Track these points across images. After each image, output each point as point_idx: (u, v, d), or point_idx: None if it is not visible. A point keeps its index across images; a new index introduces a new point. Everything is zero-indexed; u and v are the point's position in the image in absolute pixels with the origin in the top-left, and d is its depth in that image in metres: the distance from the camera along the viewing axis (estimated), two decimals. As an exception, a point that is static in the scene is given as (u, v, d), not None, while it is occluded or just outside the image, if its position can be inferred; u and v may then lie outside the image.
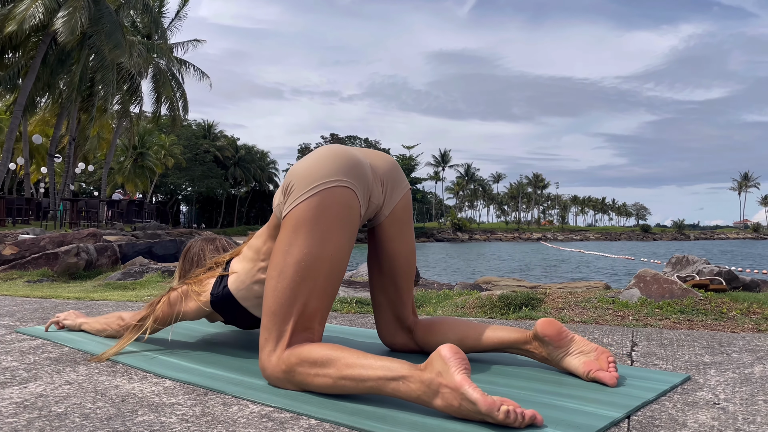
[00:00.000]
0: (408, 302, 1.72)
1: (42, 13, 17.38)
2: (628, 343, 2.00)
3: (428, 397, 1.18)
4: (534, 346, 1.57)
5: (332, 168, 1.45)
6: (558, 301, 2.72)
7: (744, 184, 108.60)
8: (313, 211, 1.41)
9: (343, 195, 1.44)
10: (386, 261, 1.67)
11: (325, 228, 1.41)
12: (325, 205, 1.42)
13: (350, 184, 1.46)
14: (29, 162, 27.38)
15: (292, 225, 1.42)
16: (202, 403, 1.33)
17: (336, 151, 1.50)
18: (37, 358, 1.80)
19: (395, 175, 1.63)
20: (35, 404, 1.33)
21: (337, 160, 1.47)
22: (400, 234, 1.65)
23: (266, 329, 1.44)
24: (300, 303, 1.41)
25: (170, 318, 1.78)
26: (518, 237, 78.24)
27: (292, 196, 1.44)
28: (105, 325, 2.03)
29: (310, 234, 1.40)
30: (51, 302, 3.20)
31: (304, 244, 1.40)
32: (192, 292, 1.75)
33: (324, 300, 1.44)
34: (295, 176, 1.46)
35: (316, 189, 1.42)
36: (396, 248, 1.65)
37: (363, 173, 1.50)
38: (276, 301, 1.42)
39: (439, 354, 1.18)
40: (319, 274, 1.41)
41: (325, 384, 1.32)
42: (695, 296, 2.51)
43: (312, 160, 1.48)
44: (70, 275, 4.59)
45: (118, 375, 1.59)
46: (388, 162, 1.64)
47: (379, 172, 1.58)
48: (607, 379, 1.43)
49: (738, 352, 1.84)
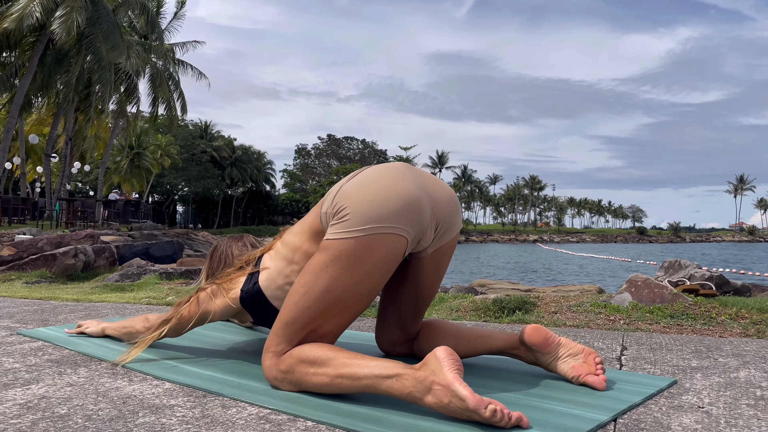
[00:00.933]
0: (416, 320, 1.74)
1: (39, 13, 17.36)
2: (618, 347, 2.04)
3: (420, 393, 1.22)
4: (521, 351, 1.61)
5: (394, 212, 1.39)
6: (551, 305, 2.76)
7: (740, 187, 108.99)
8: (360, 252, 1.37)
9: (395, 244, 1.41)
10: (409, 284, 1.66)
11: (366, 271, 1.39)
12: (374, 249, 1.38)
13: (406, 233, 1.42)
14: (25, 161, 27.34)
15: (334, 254, 1.39)
16: (202, 405, 1.37)
17: (403, 189, 1.43)
18: (38, 360, 1.83)
19: (453, 219, 1.57)
20: (38, 405, 1.37)
21: (402, 202, 1.41)
22: (434, 269, 1.63)
23: (276, 335, 1.47)
24: (316, 324, 1.43)
25: (197, 318, 1.73)
26: (515, 239, 78.34)
27: (343, 225, 1.39)
28: (129, 327, 1.97)
29: (349, 271, 1.38)
30: (50, 304, 3.23)
31: (340, 277, 1.39)
32: (222, 290, 1.71)
33: (340, 326, 1.47)
34: (353, 203, 1.40)
35: (371, 231, 1.38)
36: (425, 280, 1.64)
37: (422, 219, 1.45)
38: (294, 315, 1.44)
39: (435, 354, 1.23)
40: (345, 307, 1.43)
41: (322, 382, 1.36)
42: (685, 301, 2.55)
43: (377, 192, 1.41)
44: (68, 276, 4.62)
45: (119, 377, 1.62)
46: (451, 204, 1.57)
47: (438, 214, 1.52)
48: (596, 384, 1.47)
49: (725, 356, 1.88)
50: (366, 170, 1.50)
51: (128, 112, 25.82)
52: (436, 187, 1.54)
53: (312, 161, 74.46)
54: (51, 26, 17.36)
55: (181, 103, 26.95)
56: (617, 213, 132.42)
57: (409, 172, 1.50)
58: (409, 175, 1.49)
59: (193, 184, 49.07)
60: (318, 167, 73.05)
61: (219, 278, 1.76)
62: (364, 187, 1.43)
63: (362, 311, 1.48)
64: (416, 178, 1.50)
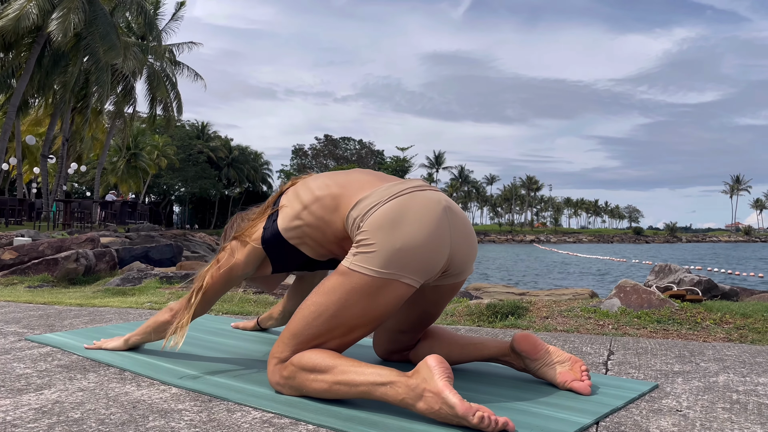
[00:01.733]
0: (414, 336, 1.82)
1: (36, 14, 17.40)
2: (606, 352, 2.12)
3: (412, 400, 1.31)
4: (512, 358, 1.70)
5: (418, 268, 1.46)
6: (543, 310, 2.84)
7: (736, 187, 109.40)
8: (375, 290, 1.45)
9: (407, 291, 1.48)
10: (411, 313, 1.74)
11: (375, 307, 1.47)
12: (387, 292, 1.45)
13: (416, 283, 1.49)
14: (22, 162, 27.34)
15: (351, 285, 1.46)
16: (208, 410, 1.45)
17: (434, 246, 1.48)
18: (48, 365, 1.91)
19: (465, 267, 1.62)
20: (53, 410, 1.44)
21: (428, 260, 1.47)
22: (434, 301, 1.71)
23: (282, 343, 1.55)
24: (321, 340, 1.52)
25: (224, 278, 1.78)
26: (511, 239, 78.51)
27: (366, 259, 1.45)
28: (153, 322, 1.94)
29: (361, 304, 1.46)
30: (54, 308, 3.30)
31: (350, 307, 1.47)
32: (243, 239, 1.75)
33: (343, 345, 1.54)
34: (381, 242, 1.45)
35: (389, 276, 1.45)
36: (424, 308, 1.73)
37: (436, 269, 1.52)
38: (301, 328, 1.52)
39: (426, 363, 1.32)
40: (350, 330, 1.51)
41: (321, 388, 1.45)
42: (672, 306, 2.64)
43: (408, 241, 1.45)
44: (70, 280, 4.69)
45: (127, 382, 1.70)
46: (470, 254, 1.61)
47: (453, 261, 1.56)
48: (581, 389, 1.56)
49: (706, 361, 1.97)
50: (404, 201, 1.51)
51: (125, 113, 25.86)
52: (464, 238, 1.57)
53: (309, 161, 74.46)
54: (48, 27, 17.40)
55: (177, 104, 27.01)
56: (614, 213, 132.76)
57: (445, 220, 1.52)
58: (446, 226, 1.51)
59: (190, 184, 49.07)
60: (315, 168, 73.06)
61: (239, 232, 1.80)
62: (399, 228, 1.46)
63: (364, 336, 1.56)
64: (452, 228, 1.53)
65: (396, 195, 1.52)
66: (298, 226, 1.64)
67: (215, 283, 1.80)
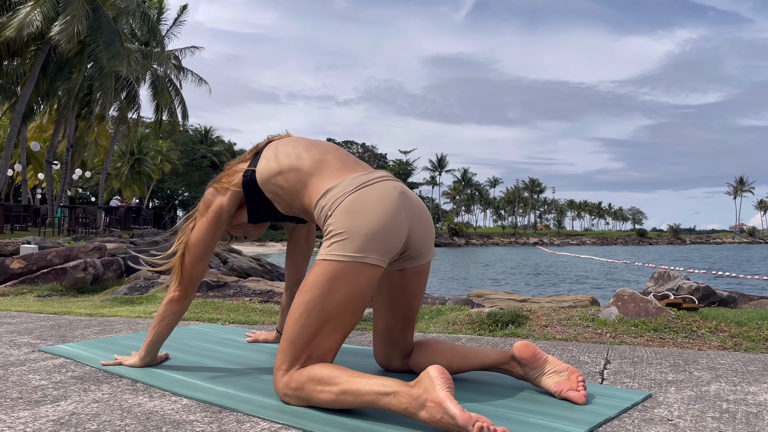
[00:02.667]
0: (405, 336, 1.90)
1: (40, 21, 17.53)
2: (602, 360, 2.18)
3: (415, 409, 1.37)
4: (512, 366, 1.76)
5: (384, 249, 1.61)
6: (542, 318, 2.90)
7: (739, 189, 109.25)
8: (349, 274, 1.58)
9: (375, 272, 1.61)
10: (391, 300, 1.85)
11: (357, 288, 1.58)
12: (360, 274, 1.58)
13: (383, 263, 1.62)
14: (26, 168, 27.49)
15: (328, 274, 1.58)
16: (218, 420, 1.51)
17: (393, 225, 1.63)
18: (63, 376, 1.97)
19: (424, 250, 1.76)
20: (70, 422, 1.51)
21: (389, 240, 1.62)
22: (406, 287, 1.82)
23: (283, 353, 1.62)
24: (318, 339, 1.60)
25: (211, 221, 1.91)
26: (515, 242, 78.49)
27: (337, 247, 1.59)
28: (159, 315, 1.98)
29: (340, 289, 1.58)
30: (65, 318, 3.37)
31: (333, 294, 1.58)
32: (223, 183, 1.91)
33: (339, 341, 1.64)
34: (350, 230, 1.59)
35: (360, 259, 1.58)
36: (402, 295, 1.83)
37: (396, 249, 1.66)
38: (298, 332, 1.61)
39: (428, 374, 1.39)
40: (342, 321, 1.61)
41: (328, 399, 1.52)
42: (668, 315, 2.69)
43: (371, 225, 1.60)
44: (78, 289, 4.76)
45: (140, 393, 1.77)
46: (425, 237, 1.75)
47: (411, 243, 1.70)
48: (576, 399, 1.62)
49: (700, 370, 2.02)
50: (366, 192, 1.65)
51: (129, 119, 26.00)
52: (419, 223, 1.73)
53: (312, 165, 74.38)
54: (51, 33, 17.51)
55: (182, 109, 27.15)
56: (617, 215, 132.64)
57: (402, 203, 1.68)
58: (402, 209, 1.67)
59: (194, 189, 49.21)
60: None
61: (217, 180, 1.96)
62: (364, 215, 1.61)
63: (354, 325, 1.66)
64: (406, 211, 1.68)
65: (360, 186, 1.67)
66: (273, 185, 1.81)
67: (204, 232, 1.92)
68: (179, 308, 1.98)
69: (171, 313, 1.97)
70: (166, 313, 1.98)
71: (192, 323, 3.17)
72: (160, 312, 1.99)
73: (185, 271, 1.94)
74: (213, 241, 1.94)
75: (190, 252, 1.93)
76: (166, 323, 1.99)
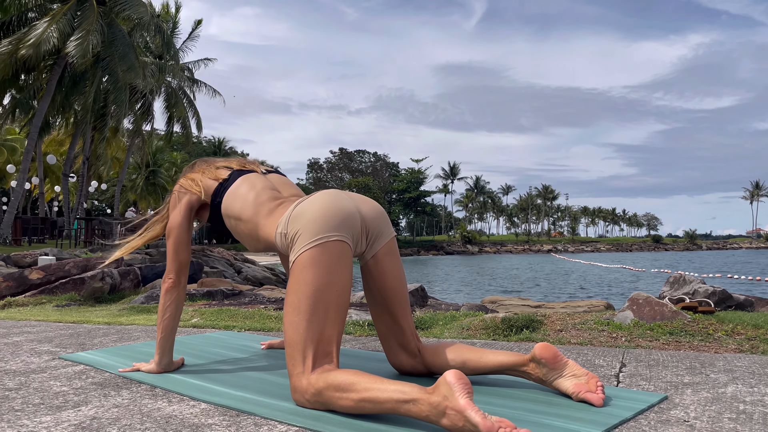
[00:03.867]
0: (407, 329, 1.93)
1: (56, 38, 17.81)
2: (618, 364, 2.18)
3: (436, 417, 1.38)
4: (531, 367, 1.76)
5: (332, 224, 1.71)
6: (557, 323, 2.90)
7: (756, 193, 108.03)
8: (318, 257, 1.67)
9: (342, 247, 1.71)
10: (377, 292, 1.90)
11: (328, 267, 1.67)
12: (327, 252, 1.68)
13: (345, 238, 1.73)
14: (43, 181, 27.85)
15: (301, 267, 1.68)
16: (236, 424, 1.53)
17: (336, 206, 1.75)
18: (83, 383, 2.01)
19: (381, 228, 1.87)
20: (91, 426, 1.53)
21: (337, 216, 1.73)
22: (382, 273, 1.88)
23: (291, 357, 1.65)
24: (316, 331, 1.63)
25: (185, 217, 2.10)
26: (528, 249, 78.15)
27: (299, 244, 1.71)
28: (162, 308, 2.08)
29: (317, 273, 1.66)
30: (83, 327, 3.42)
31: (312, 281, 1.66)
32: (195, 189, 2.10)
33: (336, 327, 1.68)
34: (301, 225, 1.73)
35: (319, 241, 1.69)
36: (382, 283, 1.88)
37: (355, 228, 1.78)
38: (296, 332, 1.65)
39: (445, 380, 1.38)
40: (330, 305, 1.66)
41: (348, 405, 1.53)
42: (684, 318, 2.68)
43: (315, 214, 1.73)
44: (96, 299, 4.82)
45: (159, 398, 1.79)
46: (378, 215, 1.88)
47: (367, 224, 1.83)
48: (594, 400, 1.62)
49: (716, 372, 2.02)
50: (311, 196, 1.84)
51: (143, 131, 26.29)
52: (365, 204, 1.88)
53: (324, 175, 74.87)
54: (67, 49, 17.78)
55: (196, 121, 27.40)
56: (632, 221, 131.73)
57: (342, 193, 1.85)
58: (343, 196, 1.83)
59: (208, 200, 49.48)
60: (330, 181, 73.43)
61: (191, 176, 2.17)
62: (311, 208, 1.75)
63: (344, 305, 1.70)
64: (348, 197, 1.84)
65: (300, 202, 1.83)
66: (232, 227, 2.03)
67: (180, 219, 2.11)
68: (176, 295, 2.08)
69: (171, 301, 2.07)
70: (167, 303, 2.07)
71: (208, 331, 3.21)
72: (161, 304, 2.09)
73: (173, 257, 2.08)
74: (189, 227, 2.12)
75: (172, 239, 2.09)
76: (170, 314, 2.07)
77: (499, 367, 1.82)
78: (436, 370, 1.90)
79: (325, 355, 1.64)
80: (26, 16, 19.17)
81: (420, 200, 76.48)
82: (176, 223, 2.11)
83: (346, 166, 76.18)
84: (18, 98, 20.55)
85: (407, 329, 1.93)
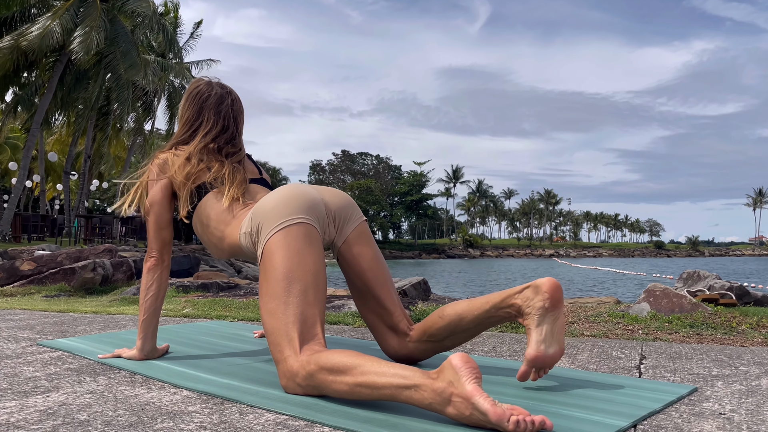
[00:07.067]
0: (394, 309, 1.79)
1: (59, 33, 17.71)
2: (637, 356, 2.02)
3: (440, 405, 1.21)
4: (523, 295, 1.55)
5: (294, 207, 1.65)
6: (568, 315, 2.74)
7: (759, 200, 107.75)
8: (284, 240, 1.60)
9: (306, 228, 1.64)
10: (356, 278, 1.81)
11: (297, 249, 1.59)
12: (292, 234, 1.61)
13: (309, 221, 1.66)
14: (45, 179, 27.75)
15: (269, 255, 1.60)
16: (219, 412, 1.37)
17: (296, 192, 1.70)
18: (58, 369, 1.85)
19: (349, 212, 1.81)
20: (58, 412, 1.38)
21: (297, 200, 1.67)
22: (357, 256, 1.80)
23: (275, 345, 1.51)
24: (295, 314, 1.50)
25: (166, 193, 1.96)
26: (530, 253, 77.91)
27: (263, 233, 1.64)
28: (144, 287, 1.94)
29: (285, 255, 1.58)
30: (69, 316, 3.26)
31: (282, 264, 1.57)
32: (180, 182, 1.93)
33: (316, 307, 1.55)
34: (262, 216, 1.67)
35: (282, 225, 1.62)
36: (359, 266, 1.80)
37: (318, 211, 1.71)
38: (275, 318, 1.52)
39: (450, 363, 1.21)
40: (307, 285, 1.55)
41: (342, 390, 1.36)
42: (705, 310, 2.52)
43: (276, 201, 1.67)
44: (87, 290, 4.66)
45: (137, 385, 1.64)
46: (344, 201, 1.82)
47: (334, 210, 1.77)
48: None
49: (746, 365, 1.85)
50: (272, 191, 1.77)
51: (145, 130, 26.17)
52: (329, 192, 1.82)
53: (327, 177, 74.86)
54: (70, 45, 17.68)
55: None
56: (634, 227, 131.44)
57: (305, 185, 1.79)
58: (305, 186, 1.78)
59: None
60: (333, 183, 73.38)
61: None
62: (268, 201, 1.69)
63: (320, 284, 1.58)
64: (311, 187, 1.79)
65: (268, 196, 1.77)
66: (200, 234, 1.95)
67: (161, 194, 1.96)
68: (159, 273, 1.95)
69: (153, 280, 1.93)
70: (149, 283, 1.93)
71: (199, 320, 3.05)
72: (144, 284, 1.94)
73: (155, 234, 1.95)
74: (170, 203, 1.99)
75: (154, 215, 1.96)
76: (153, 293, 1.93)
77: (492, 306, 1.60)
78: (434, 336, 1.73)
79: (312, 337, 1.50)
80: (29, 12, 19.08)
81: (422, 203, 76.28)
82: (157, 196, 1.97)
83: (348, 168, 76.13)
84: (20, 95, 20.45)
85: (394, 310, 1.79)
